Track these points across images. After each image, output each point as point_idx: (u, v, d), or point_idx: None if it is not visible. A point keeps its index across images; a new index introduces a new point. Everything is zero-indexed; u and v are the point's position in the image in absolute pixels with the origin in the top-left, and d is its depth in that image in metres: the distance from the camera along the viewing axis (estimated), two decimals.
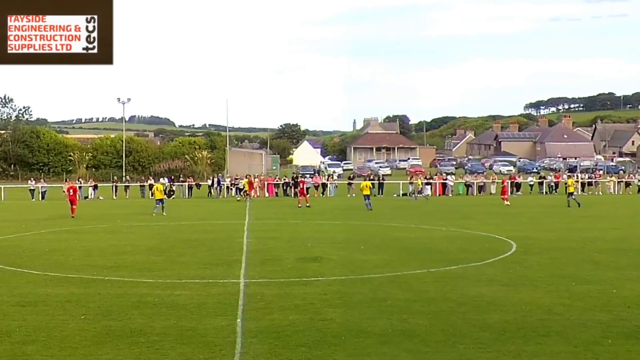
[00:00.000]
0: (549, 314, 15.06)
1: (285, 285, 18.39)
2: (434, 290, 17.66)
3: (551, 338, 13.23)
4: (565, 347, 12.65)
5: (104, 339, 13.12)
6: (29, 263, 22.30)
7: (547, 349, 12.58)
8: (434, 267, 21.17)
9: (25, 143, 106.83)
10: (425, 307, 15.72)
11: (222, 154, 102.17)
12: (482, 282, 18.85)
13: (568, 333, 13.55)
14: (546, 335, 13.41)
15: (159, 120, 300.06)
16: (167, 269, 21.24)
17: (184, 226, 34.61)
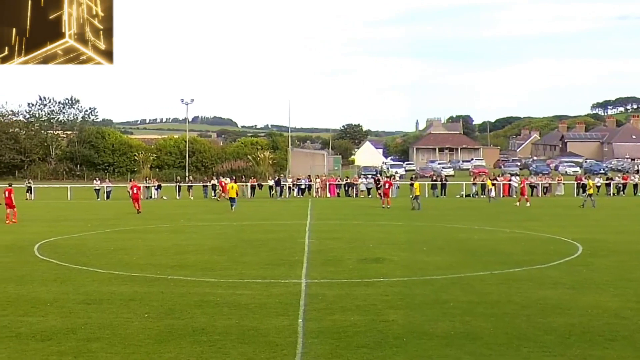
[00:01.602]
0: (615, 318, 14.71)
1: (347, 286, 18.31)
2: (498, 293, 17.40)
3: (618, 343, 12.91)
4: (632, 353, 12.33)
5: (167, 338, 13.21)
6: (94, 262, 22.63)
7: (614, 353, 12.28)
8: (498, 269, 20.89)
9: (91, 143, 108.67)
10: (489, 310, 15.49)
11: (284, 155, 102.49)
12: (546, 284, 18.52)
13: (636, 338, 13.22)
14: (613, 339, 13.10)
15: (221, 121, 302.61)
16: (229, 268, 21.34)
17: (246, 226, 34.77)
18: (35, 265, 22.16)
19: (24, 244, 27.00)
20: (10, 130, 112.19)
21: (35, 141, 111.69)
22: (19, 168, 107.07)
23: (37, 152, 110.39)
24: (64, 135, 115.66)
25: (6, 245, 26.82)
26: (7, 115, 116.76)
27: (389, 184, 50.93)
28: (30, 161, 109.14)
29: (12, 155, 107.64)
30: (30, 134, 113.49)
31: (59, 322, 14.45)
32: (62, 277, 19.86)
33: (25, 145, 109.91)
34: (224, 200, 54.86)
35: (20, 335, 13.38)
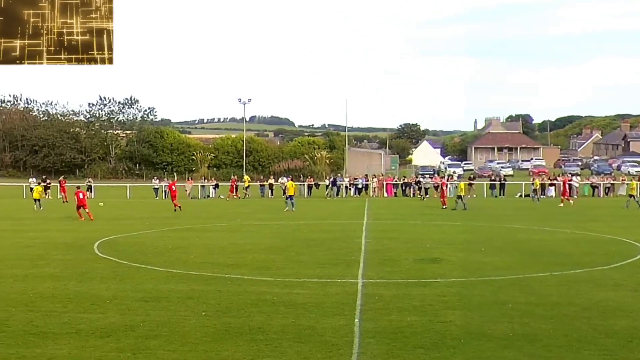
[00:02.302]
0: None
1: (404, 286, 18.18)
2: (557, 294, 17.11)
3: None
4: None
5: (224, 336, 13.25)
6: (152, 260, 22.84)
7: None
8: (558, 270, 20.54)
9: (150, 143, 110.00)
10: (548, 311, 15.23)
11: (341, 154, 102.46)
12: (608, 286, 18.15)
13: None
14: None
15: (278, 121, 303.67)
16: (285, 267, 21.36)
17: (303, 225, 34.80)
18: (95, 263, 22.46)
19: (84, 242, 27.39)
20: (71, 130, 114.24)
21: (95, 141, 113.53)
22: (79, 167, 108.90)
23: (97, 151, 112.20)
24: (124, 134, 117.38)
25: (67, 243, 27.24)
26: (69, 115, 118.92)
27: (443, 184, 50.54)
28: (90, 160, 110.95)
29: (73, 154, 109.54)
30: (90, 133, 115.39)
31: (118, 319, 14.60)
32: (121, 274, 20.09)
33: (86, 144, 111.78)
34: (232, 200, 55.50)
35: (80, 331, 13.54)
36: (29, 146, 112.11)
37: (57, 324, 14.06)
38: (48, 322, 14.27)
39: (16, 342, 12.77)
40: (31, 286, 18.18)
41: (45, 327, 13.82)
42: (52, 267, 21.53)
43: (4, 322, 14.22)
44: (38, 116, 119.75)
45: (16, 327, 13.83)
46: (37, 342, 12.76)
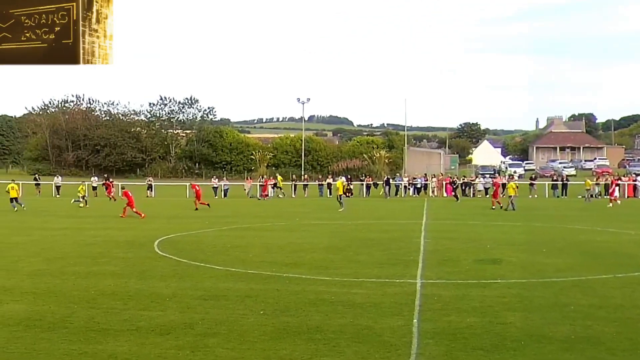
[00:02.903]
0: None
1: (463, 287, 17.98)
2: (621, 297, 16.74)
3: None
4: None
5: (282, 335, 13.24)
6: (211, 258, 22.98)
7: None
8: (621, 272, 20.11)
9: (210, 142, 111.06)
10: (611, 314, 14.90)
11: (400, 154, 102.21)
12: None
13: None
14: None
15: (337, 120, 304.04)
16: (344, 267, 21.30)
17: (361, 225, 34.73)
18: (155, 261, 22.69)
19: (145, 240, 27.71)
20: (132, 130, 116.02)
21: (155, 140, 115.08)
22: (140, 166, 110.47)
23: (157, 150, 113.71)
24: (183, 134, 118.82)
25: (128, 241, 27.59)
26: (130, 115, 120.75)
27: (496, 185, 50.01)
28: (151, 159, 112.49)
29: (134, 153, 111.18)
30: (151, 133, 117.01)
31: (178, 316, 14.70)
32: (181, 272, 20.25)
33: (147, 144, 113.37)
34: (265, 200, 55.53)
35: (140, 328, 13.66)
36: (91, 145, 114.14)
37: (118, 321, 14.22)
38: (109, 319, 14.44)
39: (78, 338, 12.93)
40: (93, 283, 18.43)
41: (106, 324, 13.99)
42: (113, 265, 21.80)
43: (66, 319, 14.43)
44: (100, 116, 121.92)
45: (78, 324, 14.02)
46: (98, 339, 12.90)
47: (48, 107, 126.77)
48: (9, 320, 14.29)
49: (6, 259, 23.18)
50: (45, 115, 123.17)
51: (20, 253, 24.52)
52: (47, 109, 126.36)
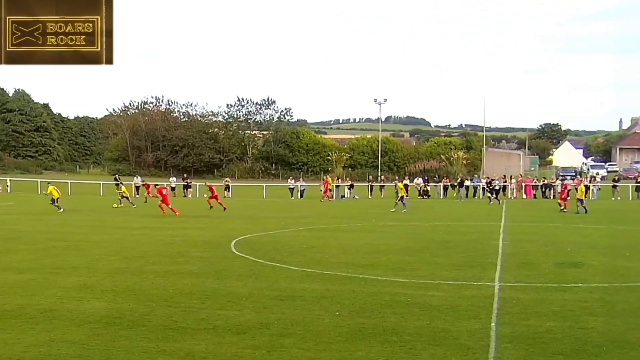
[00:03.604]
0: None
1: (543, 291, 17.62)
2: None
3: None
4: None
5: (357, 336, 13.16)
6: (287, 259, 23.03)
7: None
8: None
9: (286, 143, 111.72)
10: None
11: (478, 155, 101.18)
12: None
13: None
14: None
15: (414, 121, 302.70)
16: (420, 269, 21.11)
17: (438, 227, 34.42)
18: (231, 260, 22.85)
19: (222, 240, 27.95)
20: (210, 131, 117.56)
21: (233, 141, 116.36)
22: (217, 167, 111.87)
23: (234, 151, 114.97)
24: (260, 135, 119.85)
25: (205, 241, 27.87)
26: (208, 116, 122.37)
27: (565, 187, 49.00)
28: (228, 160, 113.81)
29: (211, 154, 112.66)
30: (228, 134, 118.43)
31: (254, 316, 14.74)
32: (257, 273, 20.34)
33: (224, 144, 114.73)
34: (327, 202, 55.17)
35: (217, 328, 13.74)
36: (170, 146, 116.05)
37: (195, 320, 14.33)
38: (186, 317, 14.57)
39: (156, 336, 13.08)
40: (171, 282, 18.65)
41: (184, 323, 14.11)
42: (190, 264, 22.03)
43: (144, 317, 14.62)
44: (179, 117, 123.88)
45: (156, 322, 14.18)
46: (176, 337, 13.03)
47: (128, 108, 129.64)
48: (89, 318, 14.55)
49: (87, 257, 23.65)
50: (125, 117, 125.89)
51: (100, 252, 24.99)
52: (127, 111, 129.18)
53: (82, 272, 20.44)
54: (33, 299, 16.46)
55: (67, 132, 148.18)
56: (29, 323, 14.08)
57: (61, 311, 15.18)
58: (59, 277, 19.66)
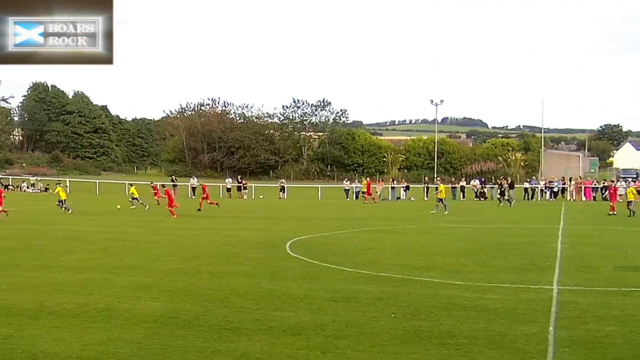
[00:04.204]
0: None
1: (602, 295, 17.28)
2: None
3: None
4: None
5: (413, 339, 13.05)
6: (342, 260, 22.98)
7: None
8: None
9: (342, 145, 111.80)
10: None
11: (536, 156, 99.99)
12: None
13: None
14: None
15: (471, 122, 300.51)
16: (476, 271, 20.89)
17: (496, 229, 34.06)
18: (286, 261, 22.88)
19: (277, 242, 28.01)
20: (265, 132, 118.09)
21: (288, 142, 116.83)
22: (273, 168, 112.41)
23: (290, 152, 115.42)
24: (316, 136, 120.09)
25: (260, 242, 27.96)
26: (263, 118, 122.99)
27: (614, 189, 48.00)
28: (283, 161, 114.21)
29: (267, 155, 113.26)
30: (284, 135, 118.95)
31: (308, 317, 14.73)
32: (312, 274, 20.33)
33: (280, 146, 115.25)
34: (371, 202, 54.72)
35: (272, 328, 13.75)
36: (226, 147, 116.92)
37: (250, 321, 14.37)
38: (241, 318, 14.62)
39: (212, 336, 13.14)
40: (226, 283, 18.74)
41: (239, 323, 14.16)
42: (246, 265, 22.12)
43: (200, 317, 14.70)
44: (235, 119, 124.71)
45: (212, 322, 14.25)
46: (231, 337, 13.07)
47: (185, 110, 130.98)
48: (146, 317, 14.68)
49: (144, 257, 23.91)
50: (182, 118, 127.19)
51: (157, 252, 25.24)
52: (184, 112, 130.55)
53: (139, 272, 20.67)
54: (91, 298, 16.69)
55: (125, 133, 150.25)
56: (87, 322, 14.27)
57: (118, 310, 15.36)
58: (117, 276, 19.91)
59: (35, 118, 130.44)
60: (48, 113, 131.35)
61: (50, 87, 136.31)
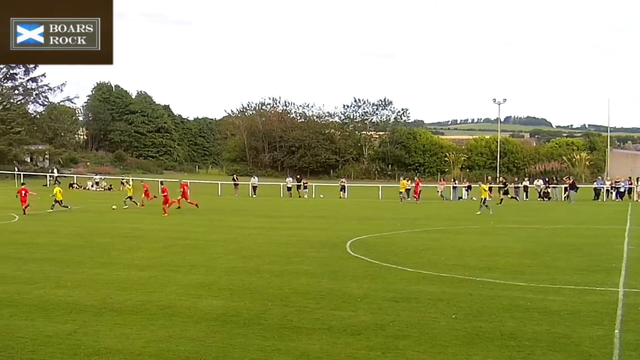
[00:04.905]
0: None
1: None
2: None
3: None
4: None
5: (474, 340, 12.90)
6: (403, 260, 22.86)
7: None
8: None
9: (403, 144, 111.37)
10: None
11: (602, 156, 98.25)
12: None
13: None
14: None
15: (535, 121, 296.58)
16: (540, 273, 20.56)
17: (560, 230, 33.52)
18: (347, 261, 22.83)
19: (337, 241, 27.99)
20: (326, 131, 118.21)
21: (349, 142, 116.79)
22: (333, 167, 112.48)
23: (350, 152, 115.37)
24: (377, 135, 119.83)
25: (321, 241, 27.97)
26: (324, 117, 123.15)
27: None
28: (344, 161, 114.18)
29: (327, 155, 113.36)
30: (344, 134, 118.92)
31: (369, 317, 14.67)
32: (372, 274, 20.25)
33: (340, 145, 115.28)
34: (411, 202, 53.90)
35: (332, 328, 13.73)
36: (287, 147, 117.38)
37: (310, 320, 14.37)
38: (301, 317, 14.63)
39: (272, 335, 13.17)
40: (286, 282, 18.77)
41: (299, 322, 14.17)
42: (306, 264, 22.14)
43: (260, 315, 14.74)
44: (295, 118, 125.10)
45: (272, 321, 14.29)
46: (291, 336, 13.08)
47: (246, 109, 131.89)
48: (207, 315, 14.78)
49: (206, 255, 24.10)
50: (243, 118, 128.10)
51: (218, 250, 25.42)
52: (245, 112, 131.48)
53: (200, 270, 20.84)
54: (153, 296, 16.87)
55: (187, 132, 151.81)
56: (149, 319, 14.42)
57: (180, 308, 15.49)
58: (178, 274, 20.11)
59: (99, 118, 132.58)
60: (112, 113, 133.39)
61: (114, 87, 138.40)
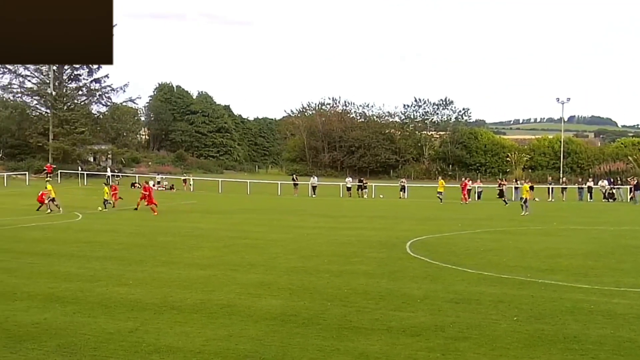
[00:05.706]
0: None
1: None
2: None
3: None
4: None
5: (536, 343, 12.69)
6: (464, 261, 22.65)
7: None
8: None
9: (464, 144, 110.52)
10: None
11: None
12: None
13: None
14: None
15: (599, 120, 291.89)
16: (604, 275, 20.17)
17: (626, 231, 32.88)
18: (406, 262, 22.70)
19: (396, 241, 27.86)
20: (386, 131, 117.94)
21: (409, 141, 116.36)
22: (393, 167, 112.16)
23: (410, 152, 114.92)
24: (437, 135, 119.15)
25: (380, 242, 27.87)
26: (384, 117, 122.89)
27: None
28: (404, 161, 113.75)
29: (387, 155, 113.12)
30: (405, 134, 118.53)
31: (428, 318, 14.55)
32: (432, 274, 20.10)
33: (400, 145, 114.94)
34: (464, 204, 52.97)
35: (391, 329, 13.64)
36: (346, 147, 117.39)
37: (369, 320, 14.30)
38: (360, 317, 14.57)
39: (331, 334, 13.14)
40: (345, 282, 18.73)
41: (358, 322, 14.11)
42: (365, 264, 22.07)
43: (320, 315, 14.73)
44: (355, 118, 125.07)
45: (331, 321, 14.26)
46: (350, 336, 13.03)
47: (306, 109, 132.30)
48: (266, 315, 14.81)
49: (265, 255, 24.18)
50: (303, 118, 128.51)
51: (278, 250, 25.49)
52: (304, 112, 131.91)
53: (259, 270, 20.92)
54: (213, 295, 16.97)
55: (247, 132, 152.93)
56: (209, 318, 14.51)
57: (239, 307, 15.56)
58: (238, 273, 20.21)
59: (160, 118, 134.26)
60: (173, 113, 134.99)
61: (175, 87, 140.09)
